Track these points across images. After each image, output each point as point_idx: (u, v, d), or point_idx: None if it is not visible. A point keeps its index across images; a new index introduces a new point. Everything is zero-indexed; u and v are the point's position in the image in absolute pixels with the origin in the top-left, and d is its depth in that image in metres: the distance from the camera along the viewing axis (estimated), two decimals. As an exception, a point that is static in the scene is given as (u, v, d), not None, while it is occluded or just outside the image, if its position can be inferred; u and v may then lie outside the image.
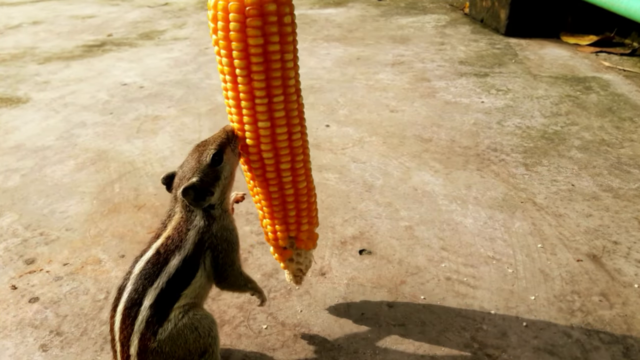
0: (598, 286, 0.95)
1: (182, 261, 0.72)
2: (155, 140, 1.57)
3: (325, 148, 1.49)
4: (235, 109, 0.73)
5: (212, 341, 0.74)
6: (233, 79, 0.71)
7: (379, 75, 2.07)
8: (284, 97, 0.72)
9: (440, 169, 1.36)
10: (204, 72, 2.18)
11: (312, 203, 0.83)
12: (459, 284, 0.96)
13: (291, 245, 0.83)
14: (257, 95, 0.70)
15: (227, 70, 0.71)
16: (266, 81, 0.70)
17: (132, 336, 0.69)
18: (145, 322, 0.69)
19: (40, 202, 1.26)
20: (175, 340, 0.70)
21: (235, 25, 0.67)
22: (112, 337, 0.71)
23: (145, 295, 0.70)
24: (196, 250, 0.73)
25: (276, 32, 0.68)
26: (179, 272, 0.71)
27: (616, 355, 0.81)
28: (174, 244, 0.73)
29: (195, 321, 0.72)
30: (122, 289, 0.72)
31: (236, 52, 0.68)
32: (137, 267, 0.73)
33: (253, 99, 0.71)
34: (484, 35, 2.59)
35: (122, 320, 0.70)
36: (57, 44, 2.68)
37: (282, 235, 0.81)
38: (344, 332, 0.86)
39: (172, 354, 0.70)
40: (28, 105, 1.87)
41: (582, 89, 1.88)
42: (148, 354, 0.69)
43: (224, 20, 0.67)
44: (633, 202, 1.19)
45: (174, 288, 0.71)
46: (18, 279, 1.00)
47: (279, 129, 0.73)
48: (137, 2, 3.70)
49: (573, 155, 1.41)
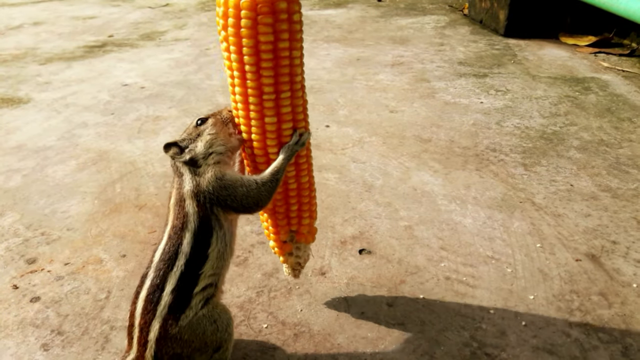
0: (597, 286, 0.95)
1: (192, 236, 0.72)
2: (156, 140, 1.57)
3: (325, 148, 1.49)
4: (242, 104, 0.74)
5: (227, 337, 0.75)
6: (242, 75, 0.71)
7: (379, 76, 2.07)
8: (290, 93, 0.73)
9: (439, 169, 1.36)
10: (205, 72, 2.18)
11: (313, 197, 0.85)
12: (458, 283, 0.97)
13: (291, 239, 0.84)
14: (265, 92, 0.71)
15: (236, 66, 0.71)
16: (275, 77, 0.71)
17: (153, 321, 0.70)
18: (168, 307, 0.70)
19: (41, 202, 1.26)
20: (195, 329, 0.71)
21: (246, 22, 0.67)
22: (130, 324, 0.72)
23: (166, 281, 0.71)
24: (201, 217, 0.73)
25: (286, 29, 0.69)
26: (194, 249, 0.72)
27: (615, 354, 0.82)
28: (179, 222, 0.73)
29: (215, 314, 0.73)
30: (144, 277, 0.73)
31: (246, 48, 0.69)
32: (156, 254, 0.73)
33: (261, 95, 0.71)
34: (483, 36, 2.60)
35: (144, 307, 0.71)
36: (58, 44, 2.68)
37: (283, 230, 0.82)
38: (344, 331, 0.87)
39: (190, 343, 0.71)
40: (29, 105, 1.87)
41: (580, 89, 1.88)
42: (167, 340, 0.70)
43: (235, 17, 0.68)
44: (631, 202, 1.20)
45: (193, 268, 0.72)
46: (19, 278, 1.01)
47: (285, 124, 0.74)
48: (138, 3, 3.71)
49: (572, 155, 1.42)
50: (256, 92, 0.72)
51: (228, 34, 0.70)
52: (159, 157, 1.47)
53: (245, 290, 0.96)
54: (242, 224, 1.15)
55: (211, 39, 2.71)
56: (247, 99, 0.73)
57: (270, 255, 1.05)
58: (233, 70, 0.72)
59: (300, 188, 0.80)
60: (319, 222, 1.15)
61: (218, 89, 1.98)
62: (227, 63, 0.73)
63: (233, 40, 0.69)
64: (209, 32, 2.86)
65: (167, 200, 0.77)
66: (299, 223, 0.83)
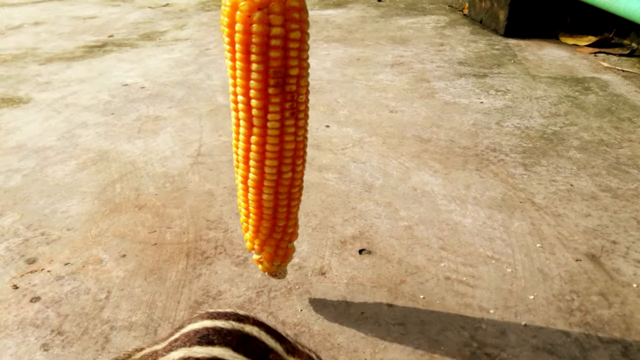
0: (597, 286, 0.95)
1: None
2: (157, 140, 1.57)
3: (325, 148, 1.49)
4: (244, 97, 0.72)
5: None
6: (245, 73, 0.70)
7: (379, 76, 2.07)
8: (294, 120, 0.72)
9: (439, 169, 1.36)
10: (205, 72, 2.18)
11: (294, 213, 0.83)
12: (458, 283, 0.97)
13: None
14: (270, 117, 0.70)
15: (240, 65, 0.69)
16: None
17: None
18: None
19: (41, 202, 1.26)
20: None
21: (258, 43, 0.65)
22: None
23: None
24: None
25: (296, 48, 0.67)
26: None
27: (615, 354, 0.82)
28: None
29: None
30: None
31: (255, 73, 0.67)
32: None
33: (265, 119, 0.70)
34: (483, 36, 2.60)
35: None
36: (58, 44, 2.68)
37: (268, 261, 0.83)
38: (344, 331, 0.87)
39: None
40: (29, 105, 1.87)
41: (581, 89, 1.88)
42: None
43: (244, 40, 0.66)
44: (632, 202, 1.20)
45: None
46: (19, 278, 1.01)
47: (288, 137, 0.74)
48: (138, 3, 3.71)
49: (572, 155, 1.42)
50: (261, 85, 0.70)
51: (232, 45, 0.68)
52: (158, 157, 1.47)
53: (245, 290, 0.96)
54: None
55: (211, 39, 2.71)
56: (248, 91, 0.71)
57: (270, 255, 1.05)
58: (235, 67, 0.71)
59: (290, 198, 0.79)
60: (320, 222, 1.15)
61: (218, 88, 1.98)
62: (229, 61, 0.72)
63: (241, 65, 0.68)
64: (209, 32, 2.86)
65: None
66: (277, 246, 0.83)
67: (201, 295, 0.95)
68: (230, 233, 1.12)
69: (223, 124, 1.67)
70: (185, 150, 1.51)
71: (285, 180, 0.75)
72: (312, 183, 1.31)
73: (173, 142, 1.56)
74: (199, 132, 1.63)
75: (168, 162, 1.44)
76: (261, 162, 0.73)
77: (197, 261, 1.04)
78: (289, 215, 0.80)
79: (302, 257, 1.04)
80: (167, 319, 0.90)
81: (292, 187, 0.77)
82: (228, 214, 1.19)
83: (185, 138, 1.58)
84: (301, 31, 0.66)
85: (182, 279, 0.99)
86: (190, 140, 1.57)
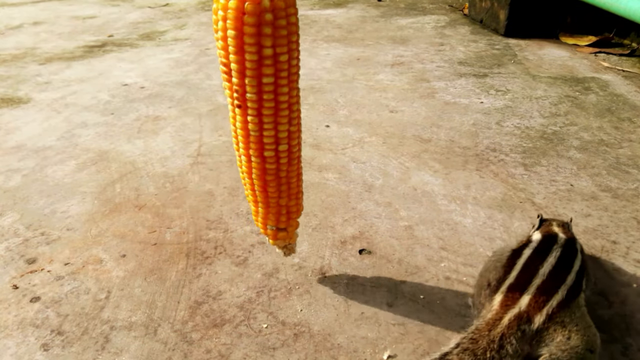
0: (597, 285, 0.95)
1: None
2: (156, 140, 1.57)
3: (325, 148, 1.49)
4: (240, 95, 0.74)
5: None
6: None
7: (379, 76, 2.07)
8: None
9: (439, 169, 1.36)
10: (205, 72, 2.18)
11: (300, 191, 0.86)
12: (458, 283, 0.97)
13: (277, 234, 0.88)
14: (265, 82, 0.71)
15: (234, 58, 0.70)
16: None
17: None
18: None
19: (41, 202, 1.26)
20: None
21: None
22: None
23: None
24: None
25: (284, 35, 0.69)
26: None
27: (615, 354, 0.82)
28: None
29: None
30: None
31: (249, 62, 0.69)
32: None
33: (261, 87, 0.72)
34: (483, 36, 2.60)
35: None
36: (58, 44, 2.68)
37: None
38: (344, 331, 0.87)
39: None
40: (29, 105, 1.87)
41: (581, 89, 1.88)
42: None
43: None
44: (632, 202, 1.20)
45: None
46: (19, 278, 1.01)
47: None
48: (138, 3, 3.71)
49: (572, 155, 1.42)
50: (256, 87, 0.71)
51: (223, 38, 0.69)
52: (158, 157, 1.47)
53: (245, 290, 0.96)
54: (242, 223, 1.15)
55: (211, 38, 2.71)
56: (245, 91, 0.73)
57: (271, 256, 1.05)
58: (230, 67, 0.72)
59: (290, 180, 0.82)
60: (320, 222, 1.15)
61: (218, 88, 1.97)
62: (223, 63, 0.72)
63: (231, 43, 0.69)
64: (209, 31, 2.86)
65: None
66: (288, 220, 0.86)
67: (201, 295, 0.95)
68: (230, 233, 1.12)
69: (223, 124, 1.67)
70: (185, 150, 1.50)
71: (283, 132, 0.76)
72: (312, 183, 1.31)
73: (173, 142, 1.56)
74: (198, 132, 1.62)
75: (168, 162, 1.44)
76: (259, 110, 0.74)
77: (197, 261, 1.04)
78: (289, 174, 0.81)
79: (302, 257, 1.04)
80: (167, 319, 0.90)
81: (291, 139, 0.78)
82: (228, 213, 1.19)
83: (185, 138, 1.58)
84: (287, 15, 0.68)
85: (182, 279, 0.99)
86: (190, 140, 1.57)
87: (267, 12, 0.66)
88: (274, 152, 0.77)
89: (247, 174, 0.81)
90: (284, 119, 0.75)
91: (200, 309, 0.92)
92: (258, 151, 0.76)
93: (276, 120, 0.74)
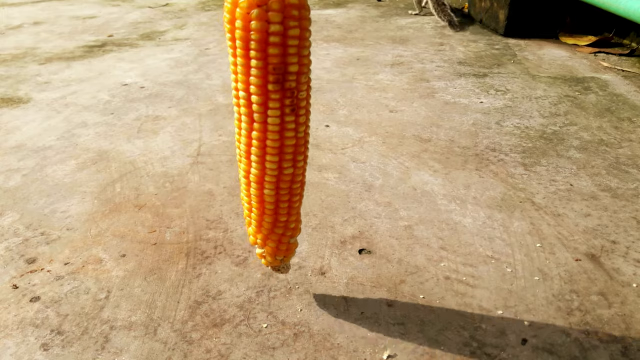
0: (597, 286, 0.95)
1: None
2: (156, 140, 1.57)
3: (326, 148, 1.49)
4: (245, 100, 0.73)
5: None
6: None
7: (379, 76, 2.07)
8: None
9: (439, 169, 1.36)
10: (205, 72, 2.18)
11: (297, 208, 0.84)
12: (458, 283, 0.97)
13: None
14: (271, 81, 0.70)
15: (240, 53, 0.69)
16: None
17: None
18: None
19: (41, 202, 1.26)
20: None
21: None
22: None
23: None
24: None
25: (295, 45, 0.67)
26: None
27: (615, 354, 0.82)
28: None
29: None
30: None
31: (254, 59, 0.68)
32: None
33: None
34: (483, 36, 2.60)
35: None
36: (58, 44, 2.68)
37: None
38: (344, 331, 0.87)
39: None
40: (29, 105, 1.87)
41: (581, 89, 1.88)
42: None
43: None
44: (632, 202, 1.20)
45: None
46: (19, 278, 1.01)
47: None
48: (138, 3, 3.71)
49: (572, 155, 1.42)
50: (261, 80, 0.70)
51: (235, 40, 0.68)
52: (158, 157, 1.47)
53: (245, 290, 0.96)
54: (242, 223, 1.15)
55: (211, 39, 2.71)
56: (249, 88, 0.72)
57: (270, 255, 1.05)
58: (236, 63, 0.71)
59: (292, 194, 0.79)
60: (320, 222, 1.15)
61: (218, 88, 1.98)
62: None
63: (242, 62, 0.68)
64: (209, 32, 2.86)
65: None
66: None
67: (201, 295, 0.95)
68: (230, 233, 1.12)
69: (223, 124, 1.67)
70: (185, 150, 1.50)
71: (287, 176, 0.76)
72: (312, 183, 1.31)
73: (173, 142, 1.56)
74: (199, 132, 1.63)
75: (168, 162, 1.44)
76: (262, 157, 0.74)
77: (197, 261, 1.04)
78: (290, 210, 0.80)
79: (302, 257, 1.04)
80: (167, 319, 0.90)
81: (294, 182, 0.77)
82: (228, 214, 1.19)
83: (185, 138, 1.58)
84: (301, 28, 0.66)
85: (182, 279, 0.99)
86: (190, 140, 1.57)
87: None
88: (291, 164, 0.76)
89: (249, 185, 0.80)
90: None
91: (201, 309, 0.92)
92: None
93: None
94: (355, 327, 0.88)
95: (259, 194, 0.77)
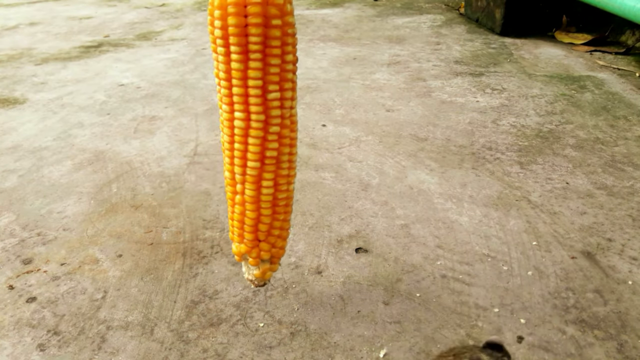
0: (592, 283, 0.96)
1: None
2: (153, 140, 1.57)
3: (322, 147, 1.49)
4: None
5: None
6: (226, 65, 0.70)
7: (375, 75, 2.08)
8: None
9: (435, 168, 1.37)
10: (201, 72, 2.18)
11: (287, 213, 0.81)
12: (454, 281, 0.97)
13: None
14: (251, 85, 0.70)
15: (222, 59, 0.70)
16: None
17: None
18: None
19: (37, 203, 1.26)
20: None
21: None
22: None
23: None
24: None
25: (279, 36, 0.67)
26: None
27: (610, 351, 0.82)
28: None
29: None
30: None
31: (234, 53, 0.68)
32: None
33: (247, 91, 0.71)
34: (479, 35, 2.60)
35: None
36: (54, 44, 2.68)
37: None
38: (340, 329, 0.87)
39: None
40: (25, 106, 1.87)
41: (576, 87, 1.89)
42: None
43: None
44: (627, 200, 1.20)
45: None
46: (15, 278, 1.01)
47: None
48: (134, 3, 3.71)
49: (567, 153, 1.42)
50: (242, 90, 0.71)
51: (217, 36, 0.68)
52: (155, 157, 1.47)
53: (242, 289, 0.96)
54: (238, 223, 1.15)
55: (207, 38, 2.71)
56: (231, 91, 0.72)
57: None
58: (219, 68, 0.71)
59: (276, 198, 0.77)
60: (316, 221, 1.15)
61: (214, 88, 1.97)
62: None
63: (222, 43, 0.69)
64: (206, 31, 2.85)
65: None
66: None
67: (198, 295, 0.95)
68: (226, 232, 1.12)
69: (219, 123, 1.67)
70: (181, 150, 1.50)
71: (272, 151, 0.74)
72: (309, 182, 1.31)
73: (169, 142, 1.56)
74: (195, 131, 1.62)
75: (164, 162, 1.44)
76: (245, 133, 0.74)
77: (194, 261, 1.04)
78: (275, 208, 0.78)
79: (298, 256, 1.04)
80: (164, 319, 0.90)
81: (279, 176, 0.76)
82: (224, 213, 1.19)
83: (181, 138, 1.58)
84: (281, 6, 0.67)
85: (179, 278, 0.99)
86: (187, 139, 1.57)
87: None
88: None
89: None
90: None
91: (197, 309, 0.92)
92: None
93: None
94: (352, 326, 0.88)
95: (253, 189, 0.76)
